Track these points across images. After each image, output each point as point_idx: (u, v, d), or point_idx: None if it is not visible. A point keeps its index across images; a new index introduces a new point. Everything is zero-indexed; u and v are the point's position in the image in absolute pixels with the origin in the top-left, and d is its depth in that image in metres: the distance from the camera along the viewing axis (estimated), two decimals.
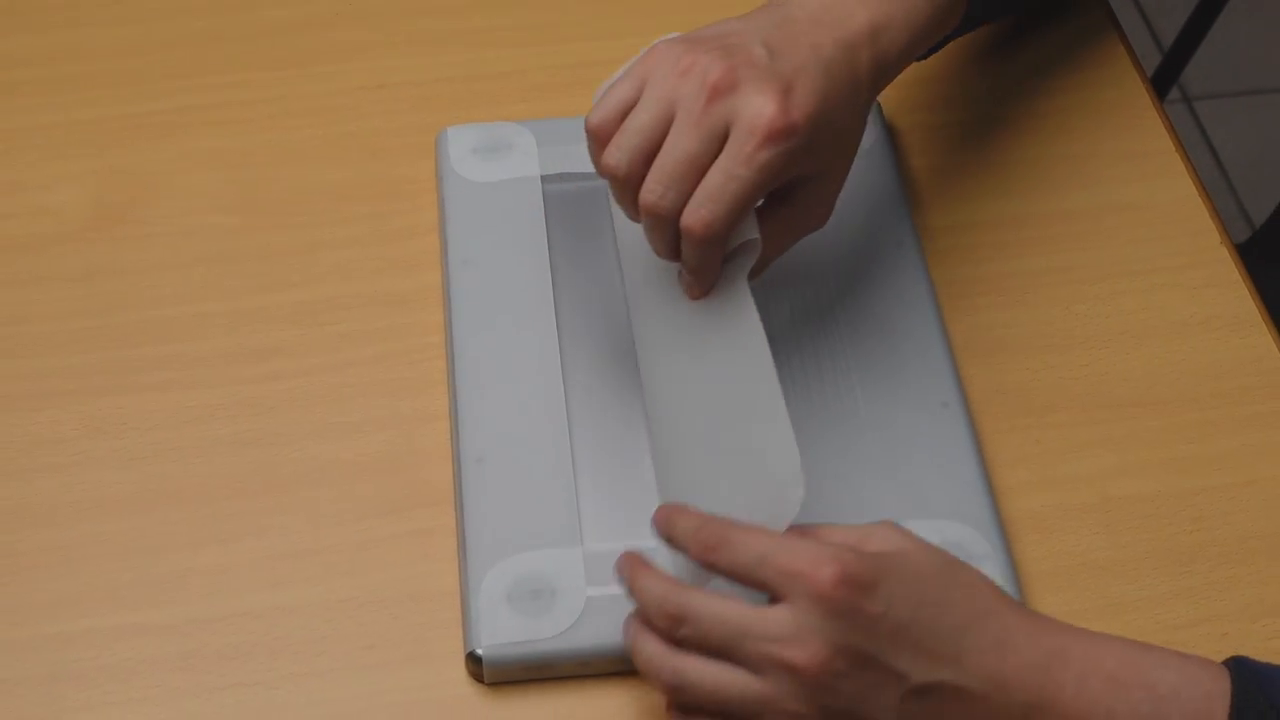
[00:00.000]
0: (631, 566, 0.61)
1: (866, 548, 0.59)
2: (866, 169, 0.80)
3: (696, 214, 0.63)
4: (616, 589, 0.65)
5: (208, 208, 0.81)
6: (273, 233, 0.80)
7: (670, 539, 0.61)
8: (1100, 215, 0.82)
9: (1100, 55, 0.89)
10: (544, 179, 0.80)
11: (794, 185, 0.67)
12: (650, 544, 0.67)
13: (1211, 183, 1.84)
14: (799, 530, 0.60)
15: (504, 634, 0.65)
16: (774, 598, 0.58)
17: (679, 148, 0.63)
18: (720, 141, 0.64)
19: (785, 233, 0.68)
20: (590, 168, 0.79)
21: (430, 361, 0.75)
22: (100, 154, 0.83)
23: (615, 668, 0.65)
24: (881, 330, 0.74)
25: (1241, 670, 0.56)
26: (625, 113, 0.66)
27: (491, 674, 0.65)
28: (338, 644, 0.66)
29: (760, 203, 0.67)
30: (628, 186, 0.65)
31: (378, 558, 0.69)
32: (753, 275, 0.67)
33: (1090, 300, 0.79)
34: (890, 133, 0.83)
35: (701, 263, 0.65)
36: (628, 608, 0.65)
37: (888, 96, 0.84)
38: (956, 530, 0.67)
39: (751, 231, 0.66)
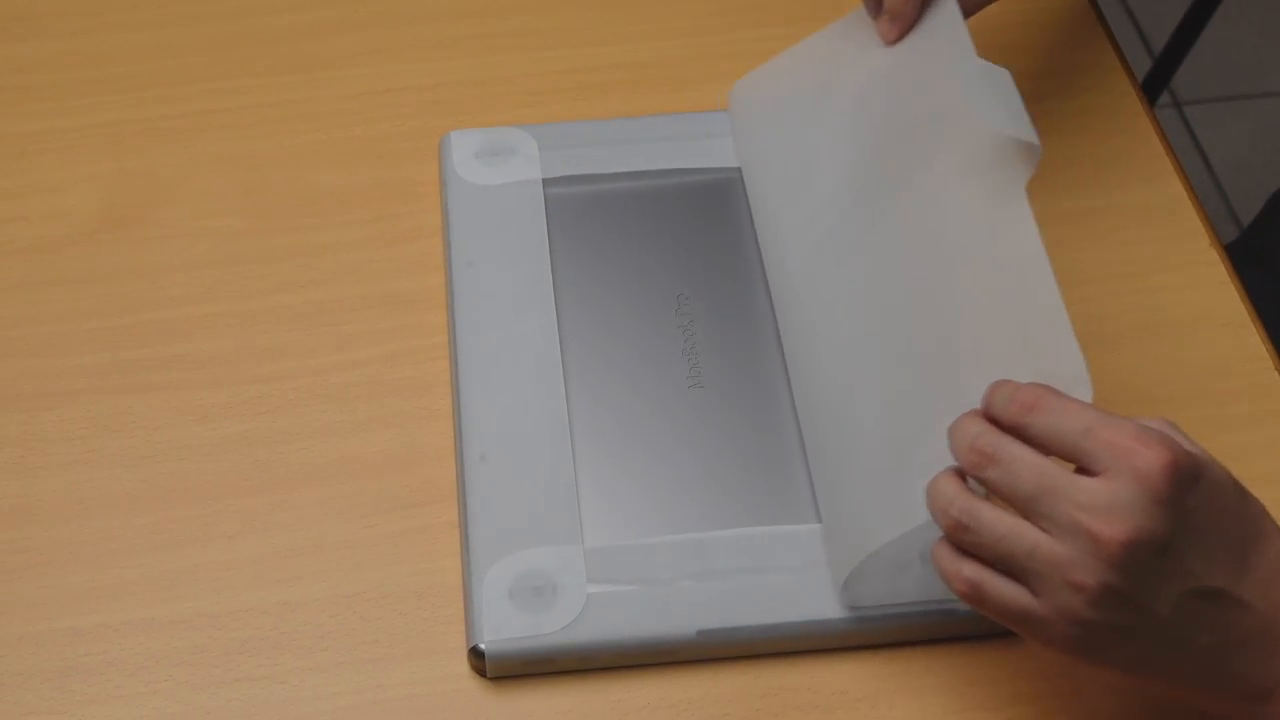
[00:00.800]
0: (961, 418, 0.59)
1: (1183, 443, 0.57)
2: None
3: None
4: (617, 585, 0.67)
5: (217, 210, 0.82)
6: (280, 235, 0.81)
7: (989, 406, 0.58)
8: (1091, 218, 0.83)
9: (1091, 61, 0.89)
10: (545, 182, 0.80)
11: None
12: (650, 541, 0.68)
13: (1201, 186, 1.85)
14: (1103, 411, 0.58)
15: (506, 629, 0.66)
16: (1090, 470, 0.56)
17: None
18: None
19: None
20: (591, 170, 0.81)
21: (434, 361, 0.76)
22: (111, 157, 0.84)
23: (616, 662, 0.66)
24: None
25: None
26: None
27: (494, 669, 0.66)
28: (343, 639, 0.67)
29: None
30: None
31: (382, 554, 0.70)
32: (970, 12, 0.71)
33: (1081, 302, 0.79)
34: None
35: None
36: (628, 605, 0.66)
37: None
38: None
39: None
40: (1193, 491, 0.55)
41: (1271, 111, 1.95)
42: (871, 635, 0.67)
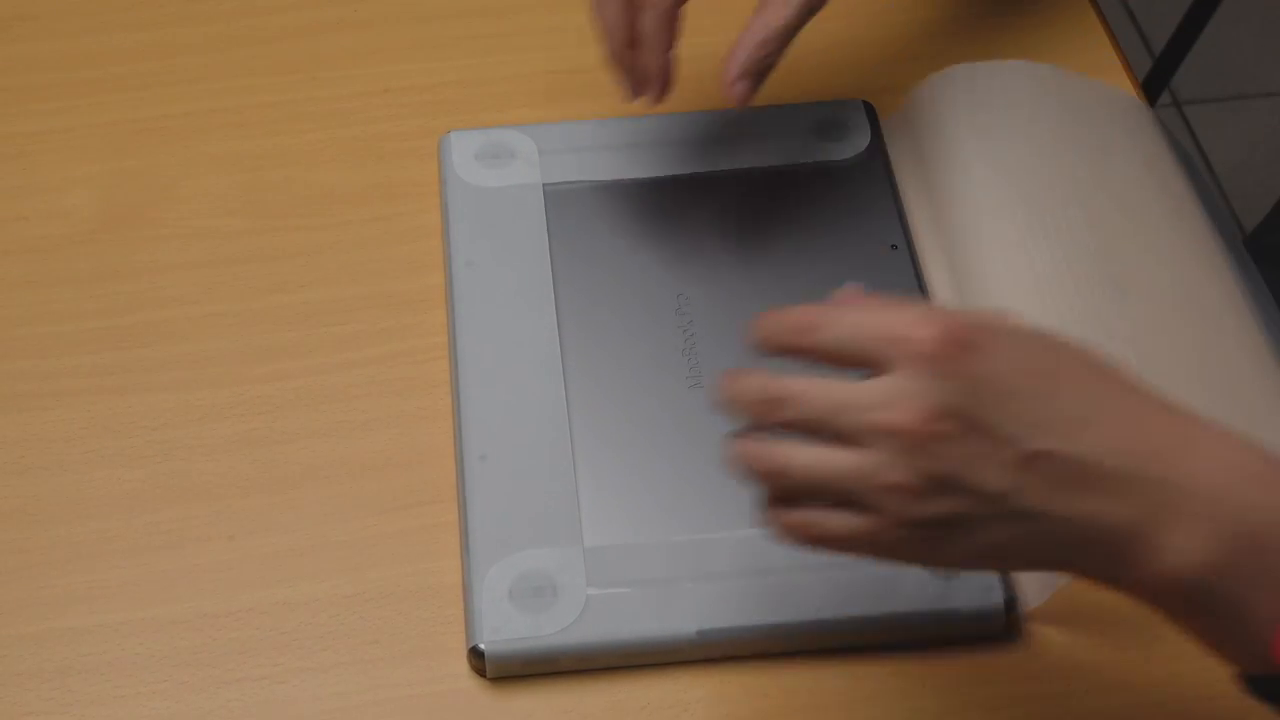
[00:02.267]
0: (730, 375, 0.57)
1: (966, 314, 0.55)
2: (857, 169, 0.81)
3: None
4: (617, 586, 0.67)
5: (217, 210, 0.82)
6: (280, 235, 0.81)
7: (763, 340, 0.57)
8: None
9: (1092, 61, 0.89)
10: (545, 182, 0.81)
11: None
12: (650, 541, 0.68)
13: (1202, 186, 1.84)
14: (893, 302, 0.56)
15: (506, 630, 0.66)
16: (875, 372, 0.54)
17: None
18: None
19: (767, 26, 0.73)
20: (590, 170, 0.81)
21: (434, 361, 0.76)
22: (112, 157, 0.84)
23: (617, 663, 0.66)
24: None
25: None
26: None
27: (494, 669, 0.66)
28: (343, 639, 0.67)
29: None
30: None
31: (382, 554, 0.70)
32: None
33: None
34: (883, 138, 0.84)
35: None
36: (628, 605, 0.66)
37: (881, 104, 0.85)
38: None
39: None
40: (981, 358, 0.53)
41: (1271, 111, 1.96)
42: (871, 635, 0.67)
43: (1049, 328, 0.56)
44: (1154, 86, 1.50)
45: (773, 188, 0.81)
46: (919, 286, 0.77)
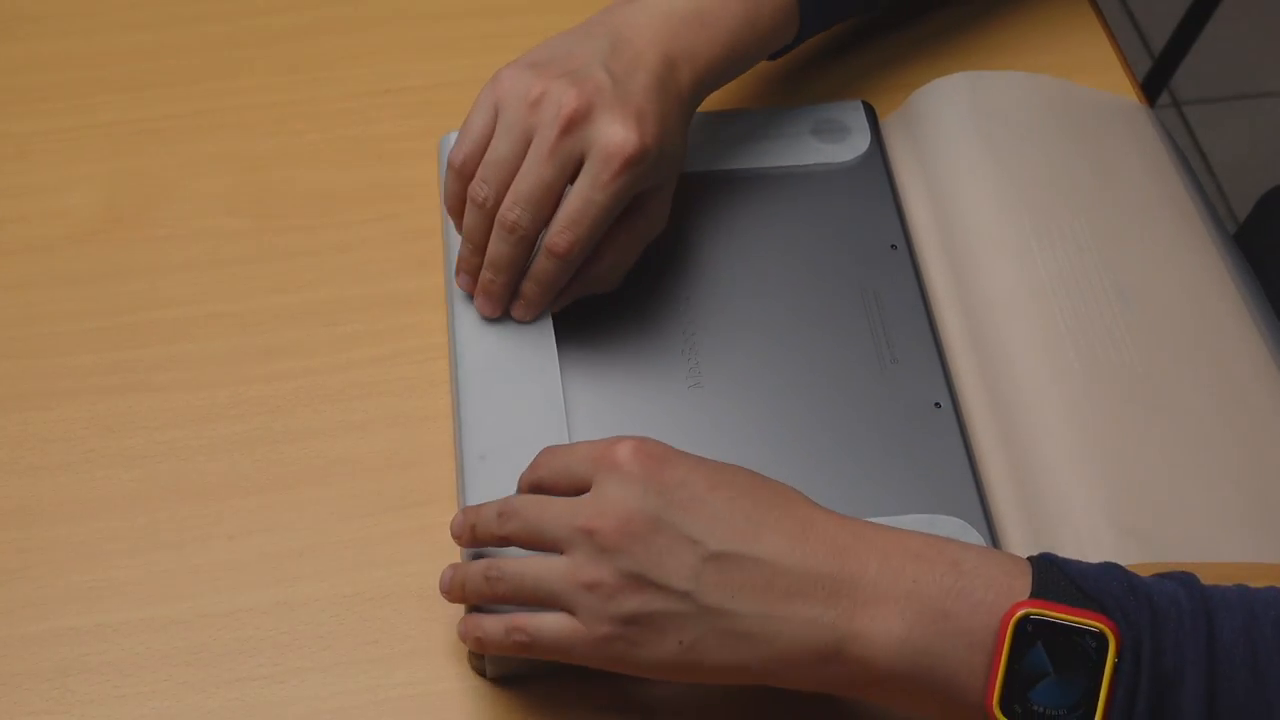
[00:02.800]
0: (462, 513, 0.64)
1: (657, 442, 0.61)
2: (856, 170, 0.81)
3: (561, 237, 0.70)
4: None
5: (217, 210, 0.82)
6: (280, 235, 0.81)
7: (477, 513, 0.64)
8: None
9: (1092, 61, 0.89)
10: None
11: (639, 199, 0.72)
12: None
13: (1201, 186, 1.85)
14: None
15: None
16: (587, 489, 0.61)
17: (536, 174, 0.70)
18: (575, 167, 0.70)
19: (635, 241, 0.74)
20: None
21: (434, 361, 0.76)
22: (112, 157, 0.84)
23: None
24: (874, 334, 0.75)
25: (1042, 558, 0.57)
26: (485, 145, 0.71)
27: (494, 668, 0.66)
28: (343, 639, 0.67)
29: None
30: (491, 215, 0.71)
31: (382, 554, 0.70)
32: (609, 287, 0.75)
33: None
34: (882, 139, 0.84)
35: (555, 280, 0.72)
36: None
37: (881, 105, 0.85)
38: (949, 524, 0.68)
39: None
40: (669, 468, 0.59)
41: (1271, 111, 1.96)
42: None
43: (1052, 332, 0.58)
44: (1154, 86, 1.50)
45: (773, 188, 0.81)
46: (919, 286, 0.77)
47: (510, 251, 0.71)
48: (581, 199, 0.70)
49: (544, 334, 0.74)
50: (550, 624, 0.60)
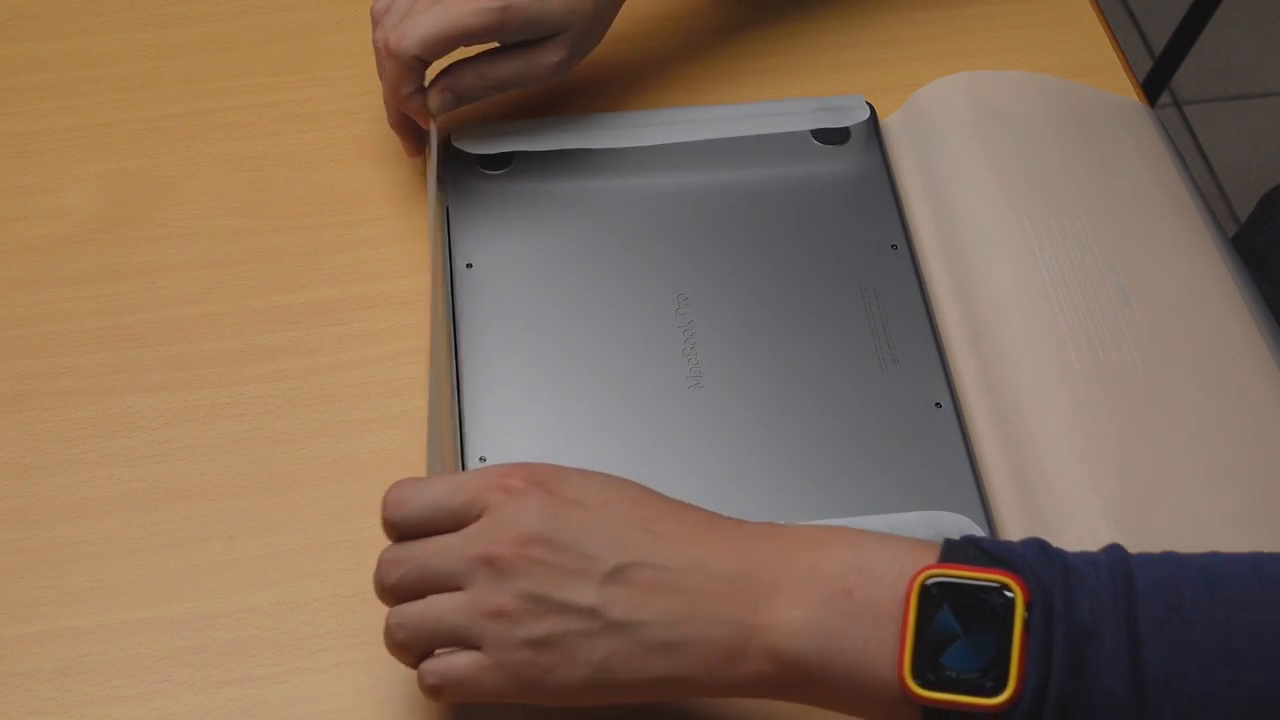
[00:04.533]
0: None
1: (541, 465, 0.60)
2: (857, 169, 0.81)
3: (398, 28, 0.74)
4: None
5: (216, 210, 0.82)
6: (280, 235, 0.81)
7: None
8: None
9: (1092, 61, 0.89)
10: (544, 182, 0.80)
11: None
12: None
13: (1202, 185, 1.85)
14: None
15: None
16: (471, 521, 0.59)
17: None
18: None
19: (515, 70, 0.78)
20: (591, 169, 0.81)
21: None
22: (111, 157, 0.84)
23: None
24: (874, 334, 0.75)
25: (961, 539, 0.56)
26: None
27: None
28: (342, 639, 0.67)
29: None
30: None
31: None
32: (468, 100, 0.78)
33: None
34: (883, 138, 0.84)
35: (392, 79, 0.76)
36: None
37: (879, 101, 0.85)
38: (950, 520, 0.68)
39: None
40: (560, 486, 0.58)
41: (1271, 111, 1.96)
42: None
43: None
44: (1154, 86, 1.50)
45: (772, 188, 0.81)
46: (919, 286, 0.77)
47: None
48: (435, 10, 0.74)
49: (545, 335, 0.74)
50: (459, 662, 0.58)
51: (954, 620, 0.53)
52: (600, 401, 0.73)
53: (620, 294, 0.76)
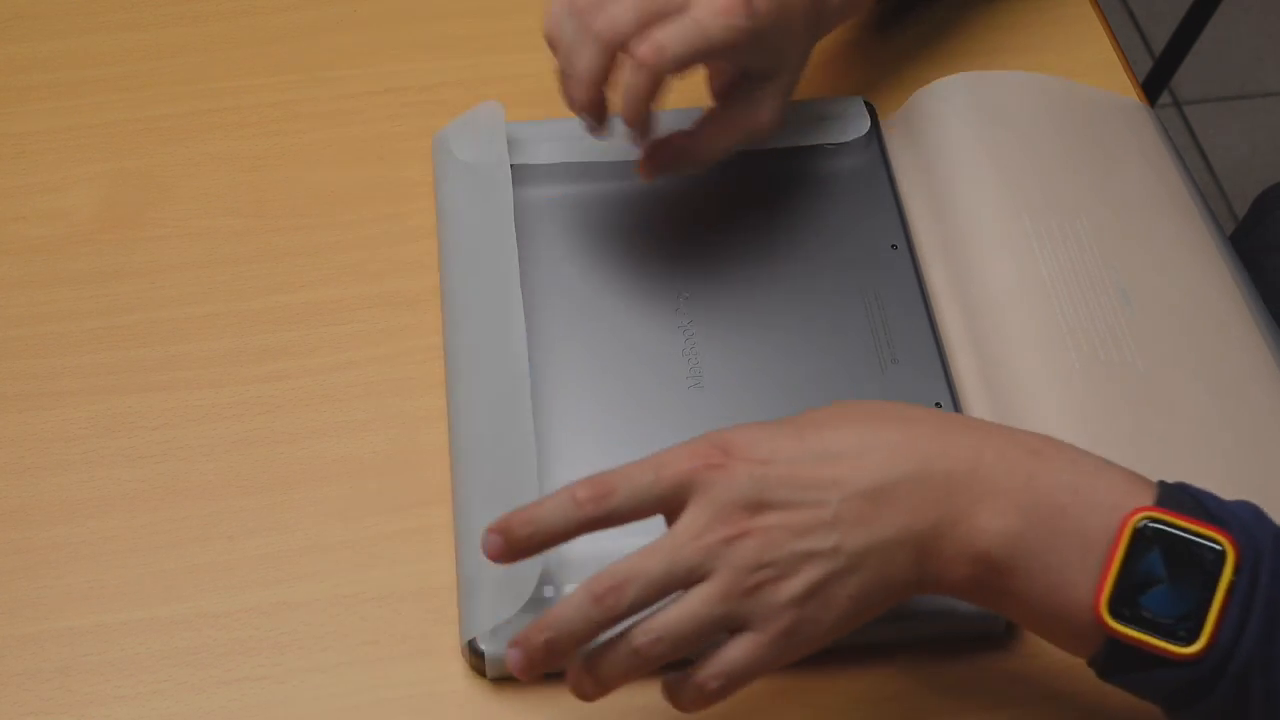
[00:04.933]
0: (533, 637, 0.60)
1: (717, 432, 0.60)
2: (857, 169, 0.81)
3: (649, 46, 0.68)
4: None
5: (216, 210, 0.82)
6: (280, 235, 0.81)
7: (543, 517, 0.60)
8: None
9: (1092, 61, 0.89)
10: (542, 182, 0.80)
11: (746, 86, 0.74)
12: (648, 542, 0.68)
13: (1202, 185, 1.85)
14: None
15: (504, 629, 0.65)
16: (671, 516, 0.59)
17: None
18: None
19: (734, 128, 0.75)
20: (591, 169, 0.80)
21: (434, 361, 0.76)
22: (111, 157, 0.84)
23: None
24: (874, 334, 0.75)
25: (1173, 484, 0.57)
26: None
27: (493, 668, 0.66)
28: (342, 639, 0.67)
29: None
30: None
31: (381, 554, 0.70)
32: (698, 169, 0.75)
33: None
34: (883, 138, 0.84)
35: (642, 93, 0.69)
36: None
37: (880, 102, 0.85)
38: None
39: None
40: (754, 450, 0.58)
41: (1271, 111, 1.96)
42: (872, 635, 0.67)
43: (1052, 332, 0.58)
44: (1154, 86, 1.50)
45: (772, 187, 0.81)
46: (919, 286, 0.77)
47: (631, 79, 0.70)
48: (685, 21, 0.68)
49: (545, 335, 0.74)
50: (735, 653, 0.58)
51: (1161, 565, 0.54)
52: (600, 401, 0.73)
53: (621, 294, 0.76)
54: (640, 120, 0.71)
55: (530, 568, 0.64)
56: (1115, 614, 0.54)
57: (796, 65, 0.75)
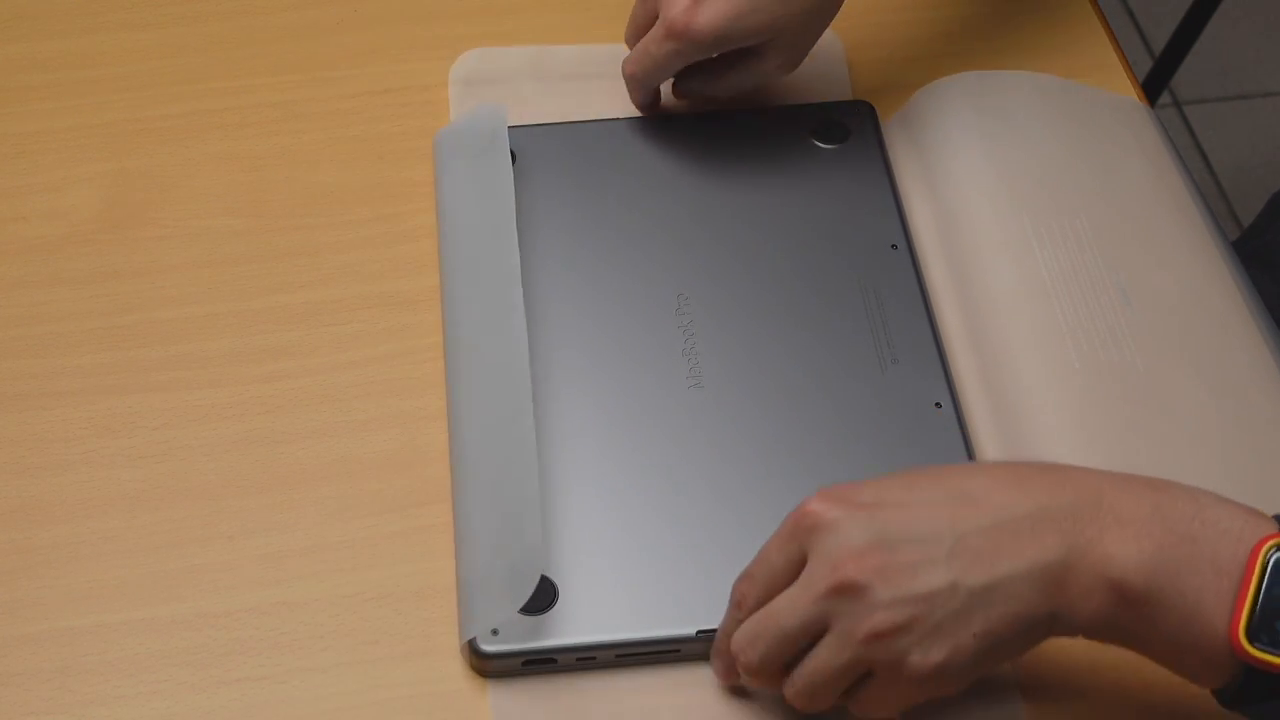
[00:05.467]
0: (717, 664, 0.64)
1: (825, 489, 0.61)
2: (857, 169, 0.81)
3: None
4: (616, 586, 0.67)
5: (216, 210, 0.82)
6: (280, 235, 0.81)
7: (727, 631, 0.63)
8: None
9: (1092, 61, 0.89)
10: (539, 181, 0.80)
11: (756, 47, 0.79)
12: (650, 540, 0.68)
13: (1202, 185, 1.85)
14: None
15: (504, 628, 0.65)
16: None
17: None
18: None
19: (749, 76, 0.81)
20: (588, 167, 0.80)
21: (434, 361, 0.76)
22: (111, 157, 0.84)
23: (616, 663, 0.66)
24: (874, 334, 0.75)
25: None
26: None
27: (492, 667, 0.66)
28: (342, 639, 0.67)
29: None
30: None
31: (381, 554, 0.70)
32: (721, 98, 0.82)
33: None
34: (883, 139, 0.84)
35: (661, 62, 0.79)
36: (628, 604, 0.66)
37: (882, 105, 0.85)
38: None
39: None
40: (858, 494, 0.59)
41: (1271, 111, 1.96)
42: None
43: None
44: (1154, 86, 1.50)
45: (774, 188, 0.81)
46: (919, 286, 0.77)
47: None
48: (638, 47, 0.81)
49: (543, 332, 0.74)
50: (868, 698, 0.59)
51: None
52: (600, 400, 0.73)
53: (620, 293, 0.76)
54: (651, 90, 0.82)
55: (530, 568, 0.64)
56: (1253, 638, 0.54)
57: (789, 41, 0.78)
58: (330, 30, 0.90)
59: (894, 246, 0.78)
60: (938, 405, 0.72)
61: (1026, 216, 0.78)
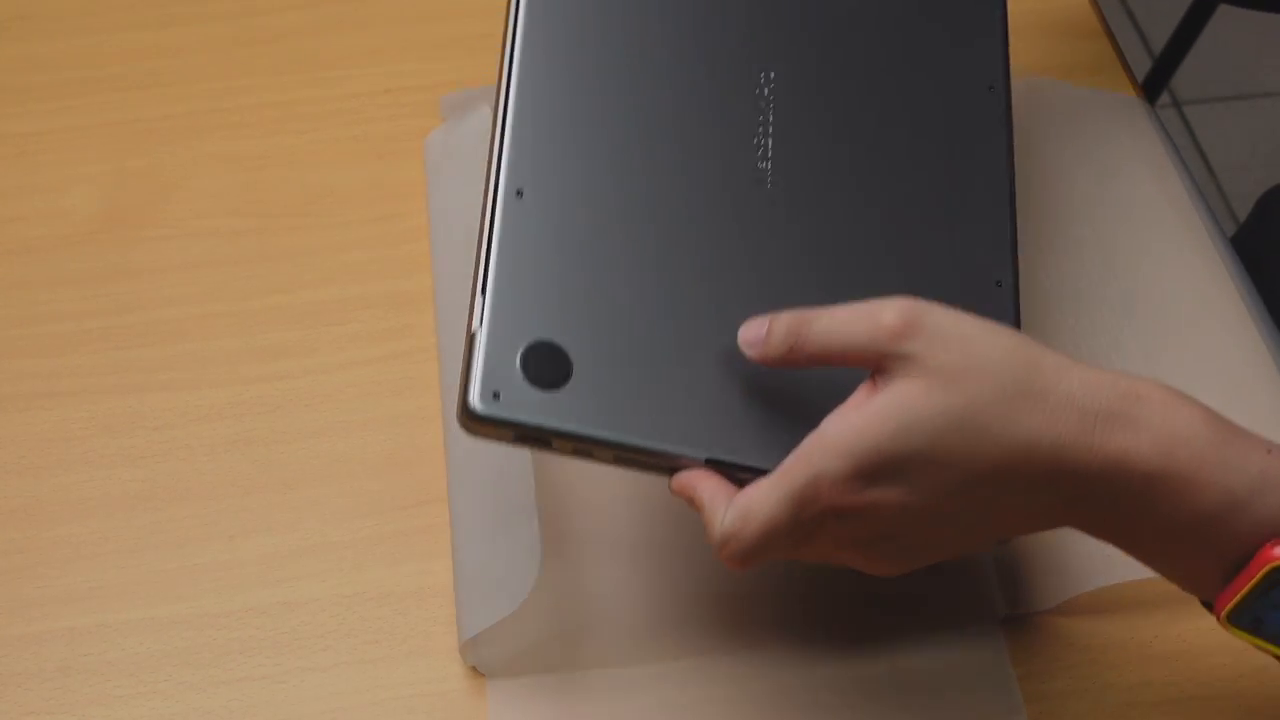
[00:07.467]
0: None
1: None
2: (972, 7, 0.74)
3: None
4: (632, 388, 0.60)
5: (217, 210, 0.82)
6: (280, 235, 0.81)
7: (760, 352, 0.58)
8: None
9: (1092, 61, 0.90)
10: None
11: None
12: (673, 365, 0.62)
13: (1202, 185, 1.85)
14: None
15: (506, 392, 0.59)
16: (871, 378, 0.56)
17: None
18: None
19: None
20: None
21: (433, 362, 0.76)
22: (111, 157, 0.84)
23: (611, 459, 0.60)
24: (949, 174, 0.69)
25: None
26: None
27: (484, 428, 0.59)
28: (342, 639, 0.67)
29: None
30: None
31: (382, 554, 0.70)
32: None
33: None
34: None
35: None
36: (643, 406, 0.60)
37: None
38: None
39: None
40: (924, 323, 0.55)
41: (1271, 111, 1.96)
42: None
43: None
44: (1154, 86, 1.50)
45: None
46: (1007, 135, 0.70)
47: None
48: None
49: (605, 77, 0.67)
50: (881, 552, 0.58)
51: None
52: (653, 166, 0.65)
53: (699, 53, 0.68)
54: None
55: (529, 568, 0.64)
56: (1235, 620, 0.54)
57: None
58: (330, 30, 0.90)
59: (991, 88, 0.72)
60: (998, 284, 0.67)
61: (1025, 218, 0.78)
